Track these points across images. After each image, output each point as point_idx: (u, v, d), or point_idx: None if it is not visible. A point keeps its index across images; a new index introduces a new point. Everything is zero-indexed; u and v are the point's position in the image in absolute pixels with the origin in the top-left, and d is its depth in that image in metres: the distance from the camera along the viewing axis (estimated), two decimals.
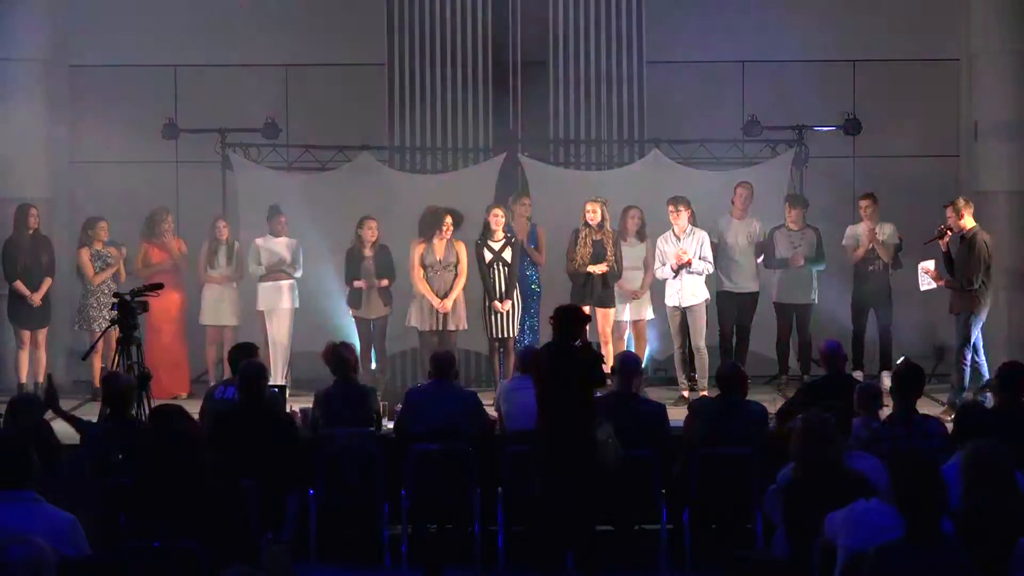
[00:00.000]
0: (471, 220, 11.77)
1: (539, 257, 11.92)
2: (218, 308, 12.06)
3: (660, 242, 11.64)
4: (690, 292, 11.57)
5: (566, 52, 13.18)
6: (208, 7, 13.22)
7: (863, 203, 12.15)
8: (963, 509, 5.40)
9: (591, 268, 11.34)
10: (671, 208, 11.57)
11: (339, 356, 9.04)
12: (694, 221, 11.67)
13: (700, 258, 11.53)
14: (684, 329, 11.59)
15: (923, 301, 12.02)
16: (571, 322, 8.03)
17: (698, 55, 13.48)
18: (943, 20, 13.47)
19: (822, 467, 6.24)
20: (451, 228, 11.50)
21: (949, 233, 10.93)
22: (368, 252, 11.76)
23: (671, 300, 11.59)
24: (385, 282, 11.73)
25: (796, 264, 11.92)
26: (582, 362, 7.94)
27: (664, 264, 11.58)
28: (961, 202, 10.99)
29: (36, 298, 11.74)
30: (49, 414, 8.02)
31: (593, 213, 11.37)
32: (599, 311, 11.46)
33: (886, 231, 12.02)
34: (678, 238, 11.58)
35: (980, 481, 5.60)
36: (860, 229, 12.14)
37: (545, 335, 10.41)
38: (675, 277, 11.53)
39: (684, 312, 11.56)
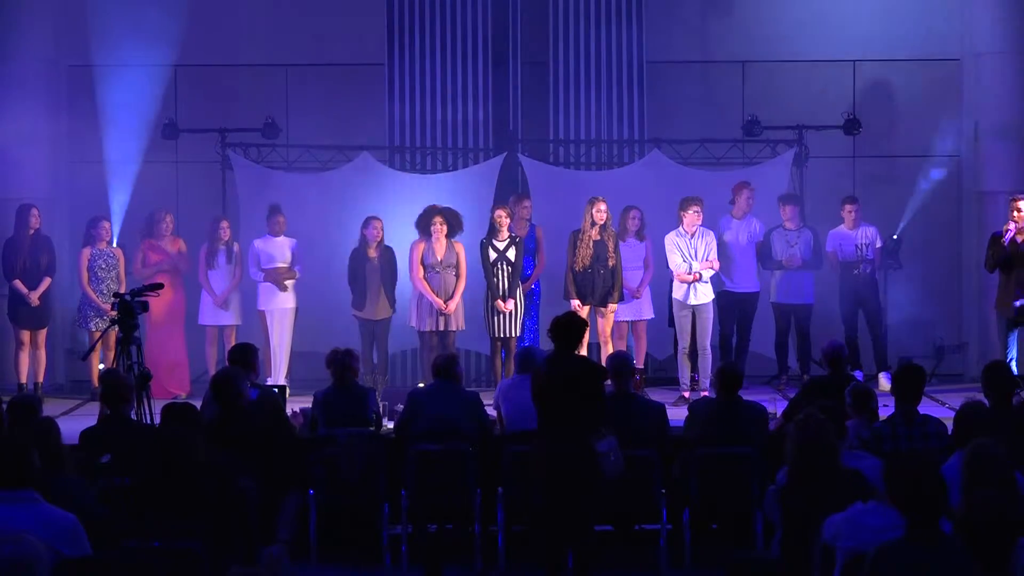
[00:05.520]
0: (471, 220, 11.76)
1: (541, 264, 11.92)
2: (218, 308, 12.04)
3: (669, 241, 11.55)
4: (701, 291, 11.54)
5: (566, 52, 13.19)
6: (208, 7, 13.20)
7: (849, 207, 12.13)
8: (963, 508, 5.39)
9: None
10: (695, 209, 11.46)
11: (343, 364, 9.01)
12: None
13: (707, 259, 11.50)
14: (692, 328, 11.58)
15: (922, 300, 12.00)
16: (570, 330, 7.87)
17: (698, 55, 13.49)
18: (943, 20, 13.45)
19: (817, 469, 6.24)
20: (441, 229, 11.48)
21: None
22: (373, 252, 11.74)
23: (682, 297, 11.55)
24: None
25: (791, 266, 11.91)
26: (584, 371, 7.83)
27: (678, 263, 11.49)
28: None
29: (34, 297, 11.73)
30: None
31: (601, 212, 11.35)
32: (600, 311, 11.46)
33: (868, 234, 12.04)
34: (691, 235, 11.51)
35: (981, 480, 5.59)
36: (840, 232, 12.13)
37: (545, 335, 10.37)
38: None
39: (694, 310, 11.55)
